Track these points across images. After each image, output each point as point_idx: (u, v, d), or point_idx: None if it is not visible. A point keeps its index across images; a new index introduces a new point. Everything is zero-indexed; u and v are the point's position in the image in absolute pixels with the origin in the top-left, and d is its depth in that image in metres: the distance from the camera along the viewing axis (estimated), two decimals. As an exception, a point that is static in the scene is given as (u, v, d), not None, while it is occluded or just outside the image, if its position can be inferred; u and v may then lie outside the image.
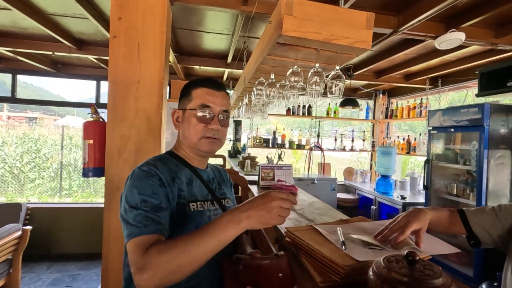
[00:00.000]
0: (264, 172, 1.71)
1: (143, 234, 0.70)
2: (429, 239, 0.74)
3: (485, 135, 2.41)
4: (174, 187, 0.84)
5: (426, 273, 0.49)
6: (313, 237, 0.74)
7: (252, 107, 2.15)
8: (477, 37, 2.21)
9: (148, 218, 0.73)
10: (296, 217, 1.10)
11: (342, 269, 0.59)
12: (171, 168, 0.88)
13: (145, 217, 0.73)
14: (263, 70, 1.48)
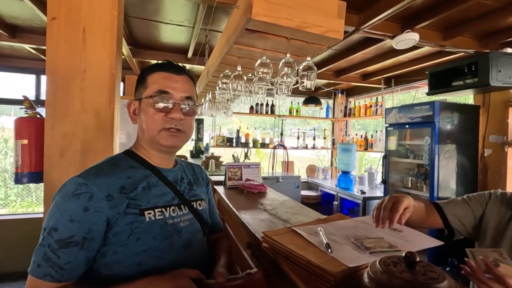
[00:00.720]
0: (231, 172, 1.61)
1: (34, 275, 0.63)
2: (414, 234, 0.71)
3: (436, 131, 2.58)
4: (122, 197, 0.71)
5: (429, 276, 0.44)
6: (294, 241, 0.66)
7: (216, 104, 2.03)
8: (428, 39, 2.35)
9: (45, 256, 0.63)
10: (269, 218, 1.02)
11: (333, 277, 0.51)
12: (121, 175, 0.74)
13: (44, 253, 0.63)
14: (229, 61, 1.38)
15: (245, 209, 1.15)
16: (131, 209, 0.71)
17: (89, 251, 0.66)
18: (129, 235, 0.69)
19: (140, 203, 0.73)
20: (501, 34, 2.38)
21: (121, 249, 0.69)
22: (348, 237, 0.69)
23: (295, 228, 0.73)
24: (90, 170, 0.74)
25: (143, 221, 0.72)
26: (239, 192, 1.52)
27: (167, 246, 0.74)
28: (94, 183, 0.69)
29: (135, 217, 0.71)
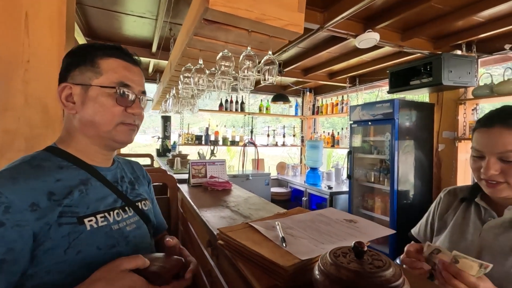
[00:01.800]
0: (195, 169, 1.56)
1: None
2: (368, 224, 0.72)
3: (396, 127, 2.72)
4: (52, 205, 0.60)
5: (376, 264, 0.44)
6: (250, 236, 0.64)
7: (181, 99, 1.96)
8: (388, 39, 2.46)
9: None
10: (231, 215, 0.99)
11: (285, 271, 0.50)
12: (47, 178, 0.63)
13: None
14: (191, 54, 1.33)
15: (207, 207, 1.12)
16: (66, 218, 0.61)
17: (9, 275, 0.54)
18: (66, 249, 0.59)
19: (77, 210, 0.63)
20: (452, 37, 2.55)
21: (57, 267, 0.58)
22: (305, 230, 0.68)
23: (252, 223, 0.71)
24: (3, 174, 0.59)
25: (83, 231, 0.62)
26: (203, 190, 1.47)
27: (114, 255, 0.63)
28: (11, 191, 0.56)
29: (73, 227, 0.61)
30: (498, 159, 0.75)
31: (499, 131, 0.75)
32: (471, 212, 0.87)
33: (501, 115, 0.76)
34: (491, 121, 0.77)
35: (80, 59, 0.71)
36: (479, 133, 0.80)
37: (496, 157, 0.75)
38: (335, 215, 0.80)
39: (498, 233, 0.78)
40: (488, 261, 0.77)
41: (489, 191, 0.79)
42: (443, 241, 0.90)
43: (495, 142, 0.75)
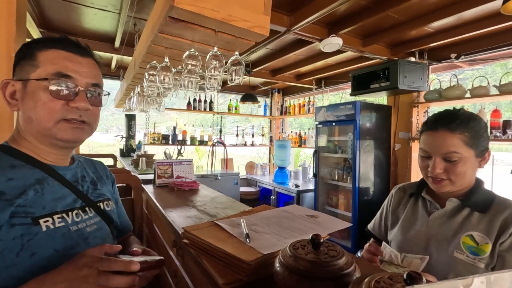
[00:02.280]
0: (161, 169, 1.52)
1: None
2: (328, 219, 0.77)
3: (357, 128, 2.88)
4: (2, 205, 0.57)
5: (330, 254, 0.47)
6: (215, 234, 0.65)
7: (146, 97, 1.90)
8: (350, 44, 2.60)
9: None
10: (197, 214, 0.99)
11: (247, 265, 0.52)
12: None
13: None
14: (156, 51, 1.30)
15: (173, 207, 1.10)
16: (19, 218, 0.58)
17: None
18: (18, 251, 0.56)
19: (32, 210, 0.60)
20: (407, 45, 2.76)
21: (7, 272, 0.54)
22: (268, 226, 0.71)
23: (218, 221, 0.72)
24: None
25: (38, 232, 0.59)
26: (169, 191, 1.45)
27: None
28: None
29: (26, 228, 0.58)
30: (442, 159, 0.84)
31: (443, 134, 0.83)
32: (419, 206, 0.96)
33: (444, 120, 0.85)
34: (436, 125, 0.85)
35: (21, 54, 0.68)
36: (425, 135, 0.88)
37: (441, 157, 0.84)
38: (298, 211, 0.84)
39: (442, 222, 0.88)
40: (434, 248, 0.87)
41: (434, 187, 0.88)
42: (396, 233, 0.98)
43: (439, 144, 0.83)
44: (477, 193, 0.86)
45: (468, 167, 0.83)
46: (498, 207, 0.82)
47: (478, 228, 0.81)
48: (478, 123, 0.84)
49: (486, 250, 0.78)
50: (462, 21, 2.25)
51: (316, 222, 0.75)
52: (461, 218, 0.85)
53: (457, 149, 0.81)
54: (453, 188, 0.85)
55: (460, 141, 0.81)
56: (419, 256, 0.72)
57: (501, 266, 0.77)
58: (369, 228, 1.14)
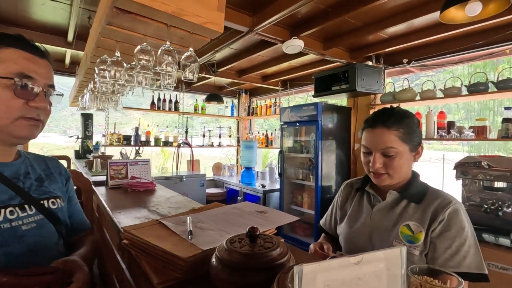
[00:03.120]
0: (114, 170, 1.45)
1: None
2: (275, 214, 0.77)
3: (319, 128, 2.97)
4: None
5: (266, 246, 0.47)
6: (157, 233, 0.62)
7: (99, 95, 1.79)
8: (312, 47, 2.68)
9: None
10: (147, 215, 0.95)
11: (184, 262, 0.50)
12: None
13: None
14: (106, 45, 1.23)
15: (123, 208, 1.05)
16: None
17: None
18: None
19: None
20: (364, 49, 2.91)
21: None
22: (215, 223, 0.69)
23: (162, 220, 0.69)
24: None
25: None
26: (123, 192, 1.38)
27: (2, 256, 0.62)
28: None
29: None
30: (381, 154, 0.89)
31: (381, 131, 0.88)
32: (364, 200, 1.01)
33: (382, 117, 0.90)
34: (375, 123, 0.91)
35: None
36: (366, 132, 0.94)
37: (380, 152, 0.89)
38: (248, 207, 0.83)
39: (384, 214, 0.93)
40: (377, 239, 0.92)
41: (376, 181, 0.94)
42: (343, 227, 1.02)
43: (378, 140, 0.89)
44: (413, 185, 0.93)
45: (404, 161, 0.89)
46: (430, 197, 0.89)
47: (413, 217, 0.88)
48: (412, 120, 0.91)
49: (420, 238, 0.84)
50: (413, 29, 2.42)
51: (264, 217, 0.75)
52: (400, 209, 0.91)
53: (393, 145, 0.86)
54: (392, 181, 0.91)
55: (396, 137, 0.87)
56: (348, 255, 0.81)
57: (433, 252, 0.83)
58: (321, 223, 1.18)
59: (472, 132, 2.26)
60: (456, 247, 0.81)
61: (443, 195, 0.89)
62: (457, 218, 0.83)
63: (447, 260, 0.81)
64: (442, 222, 0.83)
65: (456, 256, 0.80)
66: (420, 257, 0.83)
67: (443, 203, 0.86)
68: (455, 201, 0.86)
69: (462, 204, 0.89)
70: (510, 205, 1.90)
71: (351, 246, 0.99)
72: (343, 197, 1.10)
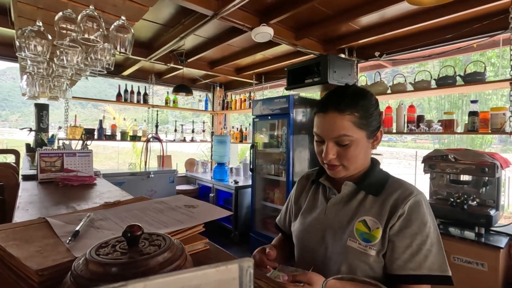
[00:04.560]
0: (46, 162, 1.26)
1: None
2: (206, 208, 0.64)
3: (291, 122, 2.87)
4: None
5: (145, 251, 0.34)
6: (28, 235, 0.47)
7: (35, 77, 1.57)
8: (283, 36, 2.56)
9: None
10: (57, 213, 0.79)
11: (37, 276, 0.36)
12: None
13: None
14: (28, 13, 1.04)
15: (33, 206, 0.88)
16: None
17: None
18: None
19: None
20: (337, 41, 2.84)
21: None
22: (122, 221, 0.55)
23: (49, 217, 0.54)
24: None
25: None
26: (53, 187, 1.19)
27: None
28: None
29: None
30: (335, 143, 0.76)
31: (333, 117, 0.75)
32: (319, 193, 0.89)
33: (334, 100, 0.77)
34: (326, 107, 0.77)
35: None
36: (317, 117, 0.80)
37: (333, 141, 0.76)
38: (177, 202, 0.70)
39: (338, 209, 0.82)
40: (330, 238, 0.80)
41: (330, 173, 0.81)
42: (297, 224, 0.90)
43: (330, 127, 0.75)
44: (372, 174, 0.81)
45: (360, 150, 0.77)
46: (390, 188, 0.78)
47: (371, 212, 0.76)
48: (368, 101, 0.78)
49: (377, 235, 0.73)
50: (385, 19, 2.36)
51: (190, 212, 0.62)
52: (357, 202, 0.80)
53: (347, 132, 0.74)
54: (348, 173, 0.79)
55: (350, 122, 0.74)
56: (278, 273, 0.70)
57: (391, 252, 0.72)
58: (276, 220, 1.05)
59: (440, 126, 2.24)
60: (417, 245, 0.71)
61: (405, 186, 0.78)
62: (418, 212, 0.73)
63: (406, 261, 0.70)
64: (402, 216, 0.72)
65: (417, 257, 0.70)
66: (377, 257, 0.72)
67: (404, 194, 0.75)
68: (416, 192, 0.75)
69: (425, 196, 0.79)
70: (475, 198, 1.89)
71: (302, 246, 0.87)
72: (297, 190, 0.98)
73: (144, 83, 4.33)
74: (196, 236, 0.57)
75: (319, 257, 0.80)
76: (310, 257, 0.83)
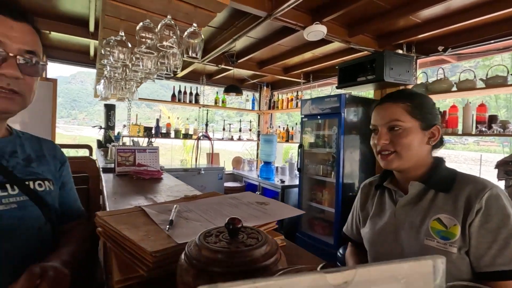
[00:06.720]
0: (122, 156, 1.41)
1: None
2: (277, 206, 0.67)
3: (342, 121, 2.79)
4: None
5: (248, 243, 0.37)
6: (133, 221, 0.54)
7: (112, 81, 1.76)
8: (336, 34, 2.50)
9: None
10: (141, 203, 0.88)
11: (151, 257, 0.41)
12: None
13: None
14: (112, 25, 1.18)
15: (120, 195, 0.99)
16: None
17: None
18: None
19: None
20: (394, 36, 2.68)
21: None
22: (204, 213, 0.60)
23: (144, 206, 0.61)
24: None
25: None
26: (128, 179, 1.33)
27: None
28: None
29: None
30: (387, 129, 0.81)
31: (387, 105, 0.82)
32: (385, 197, 0.90)
33: (392, 95, 0.85)
34: (384, 100, 0.85)
35: None
36: (374, 111, 0.87)
37: (385, 127, 0.81)
38: (248, 198, 0.73)
39: (408, 209, 0.81)
40: (404, 238, 0.79)
41: (383, 163, 0.84)
42: (367, 230, 0.90)
43: (383, 114, 0.82)
44: (438, 172, 0.80)
45: (413, 138, 0.79)
46: (460, 184, 0.76)
47: (444, 209, 0.74)
48: (425, 98, 0.84)
49: (455, 232, 0.71)
50: (451, 11, 2.17)
51: (263, 209, 0.65)
52: (427, 201, 0.79)
53: (399, 117, 0.79)
54: (401, 163, 0.80)
55: (402, 109, 0.80)
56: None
57: (476, 249, 0.70)
58: (344, 230, 1.07)
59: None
60: (503, 240, 0.67)
61: (476, 180, 0.75)
62: (497, 205, 0.69)
63: (495, 257, 0.67)
64: (480, 211, 0.70)
65: (505, 251, 0.67)
66: (459, 254, 0.70)
67: (477, 188, 0.72)
68: (490, 185, 0.72)
69: (501, 188, 0.74)
70: None
71: (376, 250, 0.87)
72: (362, 198, 0.98)
73: (195, 84, 4.56)
74: (271, 232, 0.59)
75: (396, 259, 0.79)
76: (385, 260, 0.82)
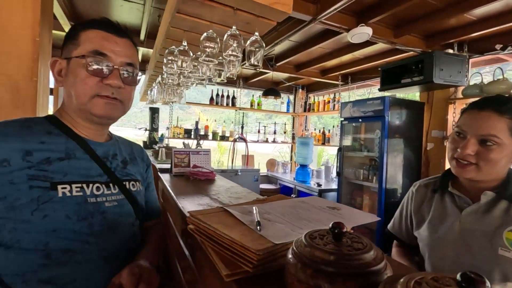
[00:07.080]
0: (178, 158, 1.49)
1: None
2: (351, 211, 0.68)
3: (386, 125, 2.70)
4: (23, 165, 0.62)
5: (355, 246, 0.39)
6: (223, 220, 0.58)
7: (165, 87, 1.88)
8: (380, 35, 2.43)
9: None
10: (209, 202, 0.94)
11: (256, 255, 0.45)
12: (30, 138, 0.65)
13: None
14: (174, 35, 1.26)
15: (186, 195, 1.06)
16: (39, 181, 0.62)
17: None
18: (33, 210, 0.60)
19: (53, 176, 0.64)
20: (444, 35, 2.55)
21: (23, 226, 0.60)
22: (283, 216, 0.63)
23: (228, 207, 0.65)
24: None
25: (53, 196, 0.62)
26: (185, 180, 1.41)
27: (84, 227, 0.65)
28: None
29: (43, 190, 0.62)
30: (478, 141, 0.75)
31: (489, 115, 0.75)
32: (447, 202, 0.87)
33: (496, 102, 0.76)
34: (485, 105, 0.76)
35: (67, 35, 0.74)
36: (469, 114, 0.80)
37: (477, 138, 0.75)
38: (317, 202, 0.75)
39: (477, 218, 0.79)
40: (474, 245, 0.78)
41: (456, 170, 0.80)
42: (425, 233, 0.89)
43: (481, 123, 0.75)
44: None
45: (503, 156, 0.74)
46: None
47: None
48: None
49: None
50: (510, 7, 2.02)
51: (338, 214, 0.66)
52: (500, 212, 0.76)
53: (498, 134, 0.72)
54: (477, 176, 0.76)
55: (505, 125, 0.73)
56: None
57: None
58: (389, 228, 1.05)
59: None
60: None
61: None
62: None
63: None
64: None
65: None
66: None
67: None
68: None
69: None
70: None
71: (437, 254, 0.85)
72: (417, 199, 0.96)
73: (231, 87, 4.67)
74: (349, 236, 0.61)
75: (464, 266, 0.78)
76: (449, 265, 0.82)
